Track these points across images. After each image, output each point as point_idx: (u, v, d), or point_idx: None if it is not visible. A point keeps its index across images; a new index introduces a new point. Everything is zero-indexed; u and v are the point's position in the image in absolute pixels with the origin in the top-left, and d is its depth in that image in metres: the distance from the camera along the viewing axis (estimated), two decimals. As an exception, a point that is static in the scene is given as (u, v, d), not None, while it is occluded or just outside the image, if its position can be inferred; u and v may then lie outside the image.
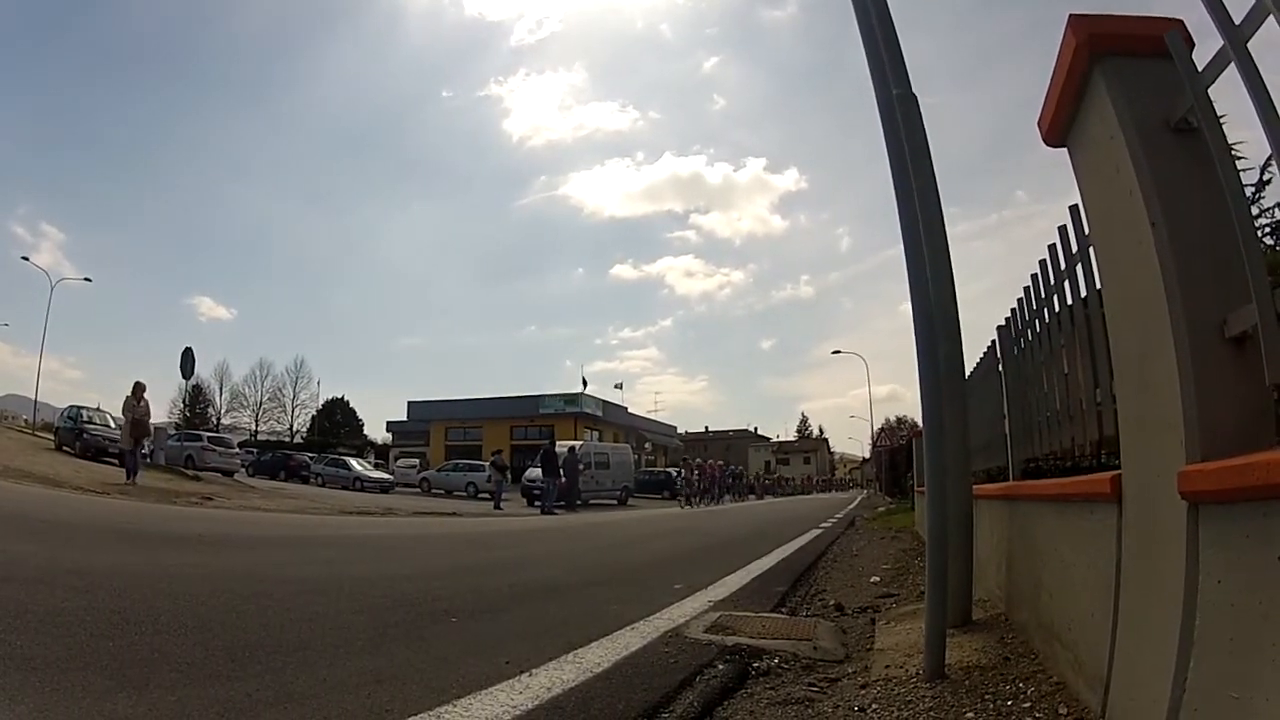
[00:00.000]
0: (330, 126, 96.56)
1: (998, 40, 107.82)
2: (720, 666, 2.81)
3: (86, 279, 44.62)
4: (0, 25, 66.42)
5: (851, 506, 23.61)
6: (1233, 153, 1.44)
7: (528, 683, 2.44)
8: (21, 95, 72.10)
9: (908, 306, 2.94)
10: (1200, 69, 1.42)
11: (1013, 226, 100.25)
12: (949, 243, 3.24)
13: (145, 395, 12.91)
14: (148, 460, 11.91)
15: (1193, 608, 1.37)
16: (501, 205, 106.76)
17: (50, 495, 7.54)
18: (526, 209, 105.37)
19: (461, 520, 12.08)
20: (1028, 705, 2.06)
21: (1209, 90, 1.41)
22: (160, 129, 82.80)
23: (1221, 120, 1.43)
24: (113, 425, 18.75)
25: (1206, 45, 1.41)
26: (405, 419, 55.71)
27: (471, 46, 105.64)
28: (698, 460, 34.71)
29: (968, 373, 3.90)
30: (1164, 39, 1.48)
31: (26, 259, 40.86)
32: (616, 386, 73.41)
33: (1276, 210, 4.24)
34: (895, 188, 3.08)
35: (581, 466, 23.34)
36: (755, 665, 2.87)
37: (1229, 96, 1.33)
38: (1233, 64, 1.28)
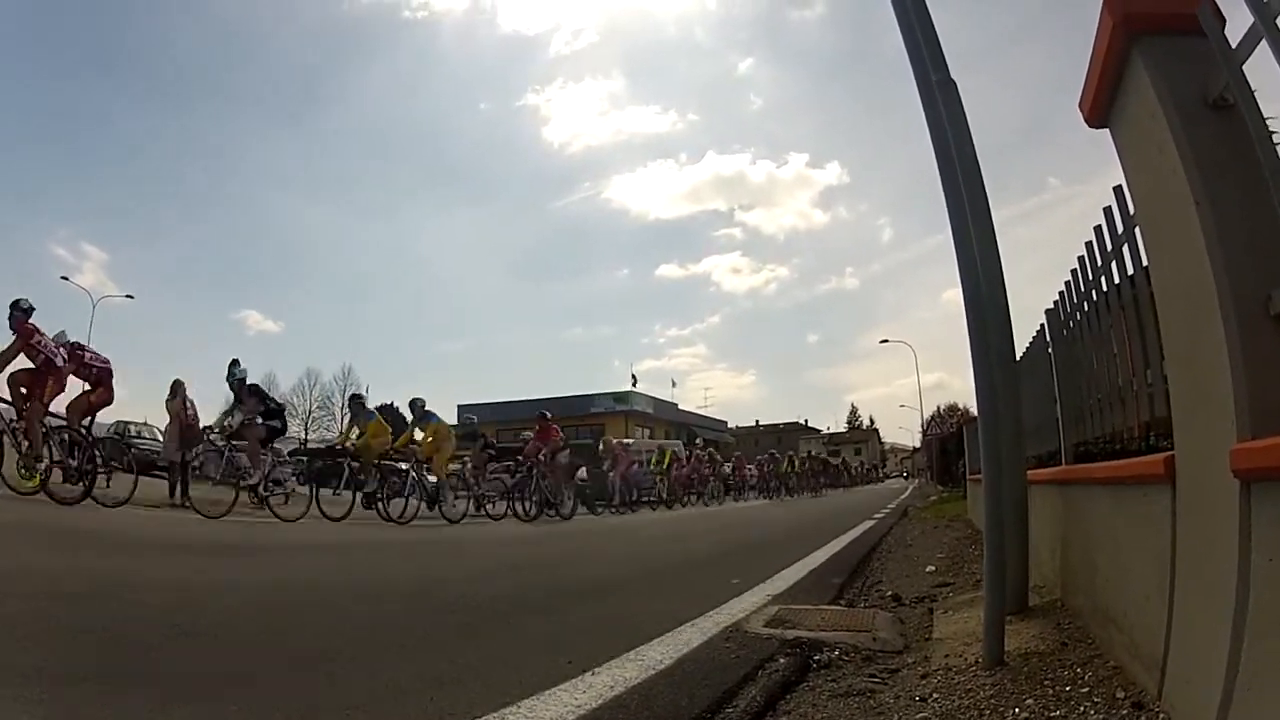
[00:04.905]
0: (370, 142, 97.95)
1: (1017, 23, 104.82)
2: (781, 660, 2.82)
3: (128, 296, 44.97)
4: (41, 49, 68.49)
5: (904, 496, 23.25)
6: (1269, 129, 1.42)
7: (590, 681, 2.45)
8: (59, 116, 74.33)
9: (950, 294, 2.97)
10: (1234, 46, 1.42)
11: (1051, 210, 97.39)
12: (995, 229, 3.21)
13: (189, 395, 11.02)
14: (198, 473, 10.76)
15: (1246, 587, 1.36)
16: (544, 211, 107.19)
17: (98, 510, 7.69)
18: (569, 214, 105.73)
19: (510, 522, 12.24)
20: (1086, 690, 2.05)
21: (1244, 67, 1.40)
22: (202, 149, 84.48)
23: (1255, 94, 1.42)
24: (160, 437, 17.32)
25: (1236, 22, 1.40)
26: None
27: (508, 61, 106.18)
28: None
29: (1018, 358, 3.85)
30: (1196, 15, 1.47)
31: (66, 278, 41.40)
32: (673, 385, 73.44)
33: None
34: (940, 175, 3.06)
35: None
36: (816, 658, 2.88)
37: (1262, 72, 1.32)
38: (1264, 40, 1.27)
